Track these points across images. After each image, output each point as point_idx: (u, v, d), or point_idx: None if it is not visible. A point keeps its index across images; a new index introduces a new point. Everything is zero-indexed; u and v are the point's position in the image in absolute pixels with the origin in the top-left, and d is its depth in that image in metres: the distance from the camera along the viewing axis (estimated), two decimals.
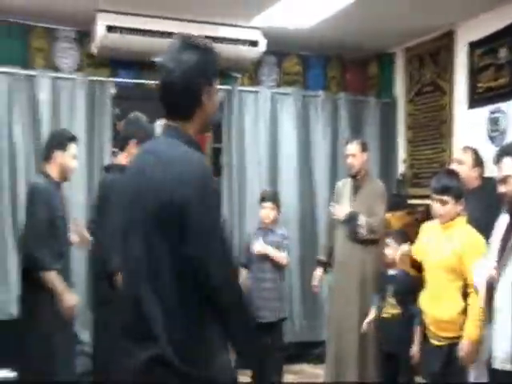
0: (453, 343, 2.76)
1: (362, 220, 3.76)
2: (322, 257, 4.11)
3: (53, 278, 2.90)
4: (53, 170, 3.09)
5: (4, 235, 4.13)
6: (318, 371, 4.53)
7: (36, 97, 4.27)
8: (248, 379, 3.89)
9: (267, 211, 3.89)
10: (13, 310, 3.87)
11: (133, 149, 2.90)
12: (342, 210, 3.86)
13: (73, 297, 2.97)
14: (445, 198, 2.82)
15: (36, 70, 4.41)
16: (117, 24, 4.27)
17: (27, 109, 4.25)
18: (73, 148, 3.14)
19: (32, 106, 4.27)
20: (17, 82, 4.23)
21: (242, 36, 4.59)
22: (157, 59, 1.61)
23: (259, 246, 3.76)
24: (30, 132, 4.23)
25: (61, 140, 3.12)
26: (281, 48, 5.14)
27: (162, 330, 1.47)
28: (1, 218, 4.13)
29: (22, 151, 4.20)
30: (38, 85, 4.28)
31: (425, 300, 2.96)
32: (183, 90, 1.55)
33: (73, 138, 3.17)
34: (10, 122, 4.21)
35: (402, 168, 5.19)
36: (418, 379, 3.35)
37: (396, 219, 4.35)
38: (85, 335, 4.06)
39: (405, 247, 3.17)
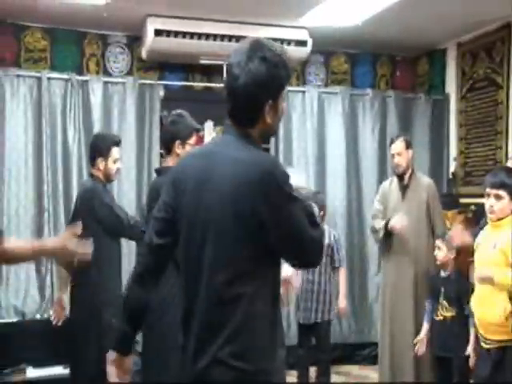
0: (502, 346, 2.67)
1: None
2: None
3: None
4: (98, 174, 3.19)
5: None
6: (365, 373, 4.48)
7: (89, 101, 4.42)
8: (294, 379, 3.89)
9: None
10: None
11: (178, 149, 2.80)
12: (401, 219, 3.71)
13: None
14: (501, 192, 2.75)
15: (89, 75, 4.56)
16: (166, 28, 4.35)
17: (80, 113, 4.40)
18: (115, 152, 3.17)
19: (85, 109, 4.41)
20: (71, 87, 4.38)
21: (289, 36, 4.58)
22: (228, 59, 1.57)
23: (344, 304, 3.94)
24: (83, 135, 4.38)
25: (101, 147, 3.16)
26: (328, 47, 5.11)
27: (221, 330, 1.47)
28: (56, 219, 4.28)
29: (75, 154, 4.36)
30: (91, 89, 4.42)
31: (474, 302, 2.87)
32: (244, 100, 1.52)
33: (114, 143, 3.19)
34: (64, 126, 4.37)
35: (453, 166, 5.05)
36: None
37: (447, 219, 4.24)
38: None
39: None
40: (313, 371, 3.94)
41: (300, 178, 3.23)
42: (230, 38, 4.38)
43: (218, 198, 1.49)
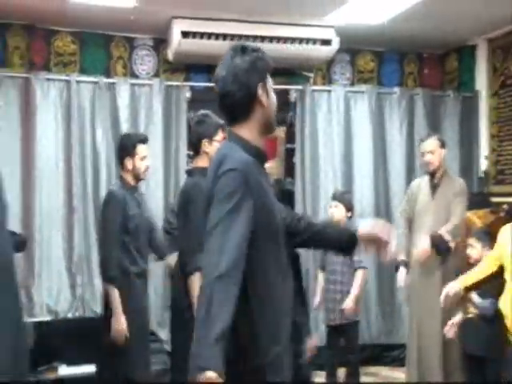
0: None
1: (447, 235, 3.62)
2: (403, 257, 3.97)
3: (111, 292, 3.02)
4: (127, 176, 3.20)
5: (89, 237, 4.35)
6: (395, 374, 4.44)
7: (116, 103, 4.48)
8: (322, 379, 3.88)
9: (332, 210, 3.89)
10: (96, 308, 4.09)
11: (206, 148, 2.82)
12: (422, 245, 3.65)
13: (122, 321, 3.02)
14: None
15: (116, 77, 4.62)
16: (191, 29, 4.38)
17: (108, 115, 4.46)
18: (141, 149, 3.17)
19: (112, 111, 4.47)
20: (99, 89, 4.45)
21: (315, 35, 4.56)
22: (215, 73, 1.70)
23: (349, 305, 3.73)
24: (111, 137, 4.44)
25: (127, 146, 3.17)
26: (354, 45, 5.07)
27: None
28: (86, 220, 4.35)
29: (104, 155, 4.41)
30: (118, 92, 4.48)
31: (504, 303, 2.81)
32: (238, 91, 1.63)
33: (140, 140, 3.20)
34: (92, 128, 4.44)
35: (484, 165, 4.95)
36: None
37: (479, 218, 4.17)
38: (163, 333, 4.21)
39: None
40: (342, 372, 3.92)
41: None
42: (255, 38, 4.38)
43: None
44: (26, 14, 4.25)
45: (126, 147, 3.18)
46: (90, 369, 3.70)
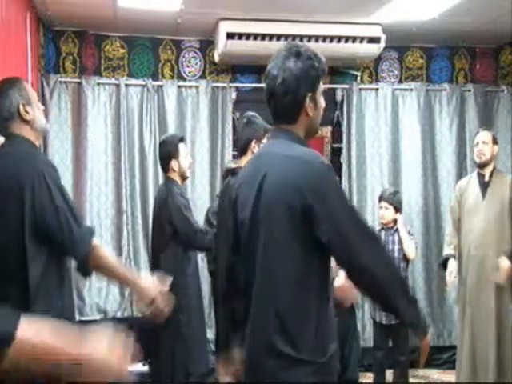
0: None
1: None
2: (451, 250, 3.81)
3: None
4: (174, 176, 3.26)
5: (137, 238, 4.45)
6: (445, 377, 4.33)
7: (164, 105, 4.56)
8: (370, 381, 3.83)
9: (382, 211, 3.84)
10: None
11: (255, 149, 2.86)
12: (504, 269, 3.47)
13: None
14: None
15: (164, 80, 4.69)
16: (237, 30, 4.39)
17: (156, 116, 4.54)
18: (182, 148, 3.27)
19: (160, 113, 4.55)
20: (147, 92, 4.54)
21: (362, 33, 4.50)
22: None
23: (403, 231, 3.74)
24: (158, 138, 4.50)
25: (170, 149, 3.24)
26: (402, 42, 4.96)
27: (275, 320, 1.54)
28: (134, 220, 4.45)
29: (152, 157, 4.50)
30: (166, 94, 4.56)
31: None
32: (285, 96, 1.61)
33: (179, 139, 3.30)
34: (141, 130, 4.53)
35: None
36: None
37: None
38: (209, 333, 4.25)
39: None
40: (390, 374, 3.85)
41: None
42: (302, 37, 4.35)
43: (271, 196, 1.57)
44: (77, 20, 4.38)
45: (169, 151, 3.25)
46: (137, 367, 3.77)
